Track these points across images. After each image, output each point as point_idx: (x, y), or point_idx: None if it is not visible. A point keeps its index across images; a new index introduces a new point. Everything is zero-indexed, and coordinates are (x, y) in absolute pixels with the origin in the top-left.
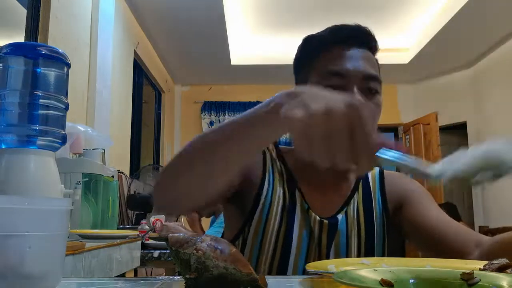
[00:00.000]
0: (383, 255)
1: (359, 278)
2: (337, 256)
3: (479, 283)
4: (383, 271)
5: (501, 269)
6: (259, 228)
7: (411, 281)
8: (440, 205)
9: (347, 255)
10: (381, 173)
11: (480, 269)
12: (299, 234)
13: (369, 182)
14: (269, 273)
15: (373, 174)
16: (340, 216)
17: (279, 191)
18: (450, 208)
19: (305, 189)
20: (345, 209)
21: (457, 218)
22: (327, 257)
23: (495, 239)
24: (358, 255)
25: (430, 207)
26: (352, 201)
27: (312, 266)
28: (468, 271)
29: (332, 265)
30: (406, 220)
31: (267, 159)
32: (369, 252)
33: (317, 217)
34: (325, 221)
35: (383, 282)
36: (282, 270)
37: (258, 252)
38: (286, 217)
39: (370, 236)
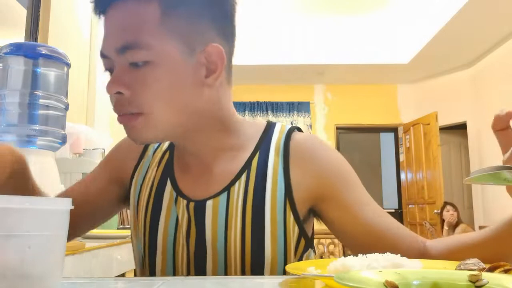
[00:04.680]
0: (291, 246)
1: (364, 280)
2: (215, 240)
3: (487, 285)
4: (388, 272)
5: (492, 269)
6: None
7: (416, 282)
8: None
9: (226, 238)
10: (285, 148)
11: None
12: (165, 222)
13: (267, 161)
14: (153, 274)
15: (278, 145)
16: (210, 202)
17: (150, 177)
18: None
19: (181, 175)
20: (227, 191)
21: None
22: (199, 241)
23: (440, 246)
24: (242, 239)
25: (353, 197)
26: (238, 181)
27: (291, 268)
28: (476, 272)
29: (312, 267)
30: (324, 216)
31: (149, 148)
32: (257, 237)
33: (185, 201)
34: (192, 203)
35: (387, 284)
36: (151, 266)
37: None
38: (151, 207)
39: (259, 220)
